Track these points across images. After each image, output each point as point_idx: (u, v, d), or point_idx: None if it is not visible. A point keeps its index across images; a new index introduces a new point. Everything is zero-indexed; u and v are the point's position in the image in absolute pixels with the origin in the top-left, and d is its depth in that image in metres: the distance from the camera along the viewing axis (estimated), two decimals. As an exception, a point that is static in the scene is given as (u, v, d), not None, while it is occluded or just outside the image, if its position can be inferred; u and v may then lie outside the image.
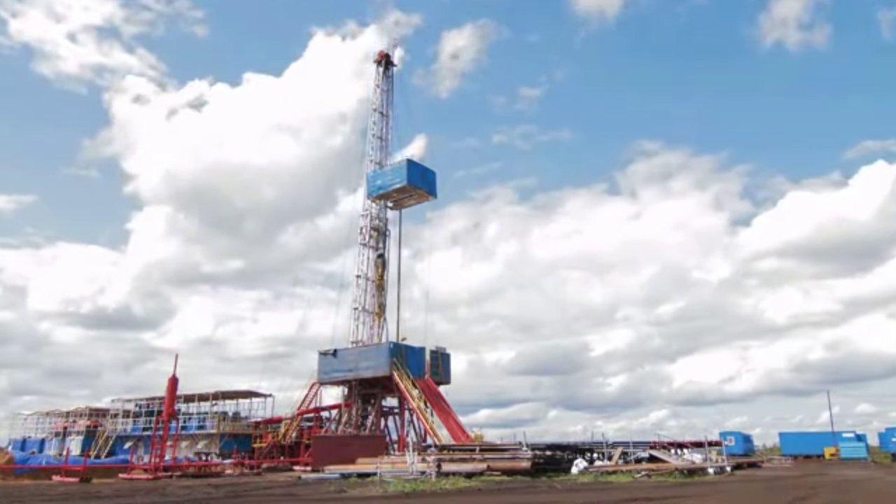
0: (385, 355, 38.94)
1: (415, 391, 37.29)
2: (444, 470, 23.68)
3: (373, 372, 39.24)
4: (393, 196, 44.96)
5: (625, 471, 24.61)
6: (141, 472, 29.64)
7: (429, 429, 36.35)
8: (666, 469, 24.56)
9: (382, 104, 48.02)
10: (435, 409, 37.75)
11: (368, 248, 44.70)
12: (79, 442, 45.53)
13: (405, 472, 23.66)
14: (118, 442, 44.62)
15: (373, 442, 33.50)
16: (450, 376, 42.90)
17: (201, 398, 44.56)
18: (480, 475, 23.38)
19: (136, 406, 46.80)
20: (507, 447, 27.32)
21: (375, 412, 40.85)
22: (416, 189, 43.78)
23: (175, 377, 31.02)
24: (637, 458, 27.21)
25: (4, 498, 17.44)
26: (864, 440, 48.24)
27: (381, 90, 48.37)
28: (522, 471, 23.76)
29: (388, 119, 48.02)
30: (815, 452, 48.30)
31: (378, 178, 44.82)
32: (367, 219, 45.26)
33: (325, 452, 30.88)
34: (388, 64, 49.04)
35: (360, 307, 43.30)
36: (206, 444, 41.71)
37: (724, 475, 25.27)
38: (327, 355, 41.54)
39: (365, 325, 43.31)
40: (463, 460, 25.28)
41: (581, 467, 25.54)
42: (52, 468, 29.26)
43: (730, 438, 48.91)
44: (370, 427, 39.99)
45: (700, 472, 25.11)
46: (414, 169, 43.63)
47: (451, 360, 43.66)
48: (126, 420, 46.07)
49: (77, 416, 49.75)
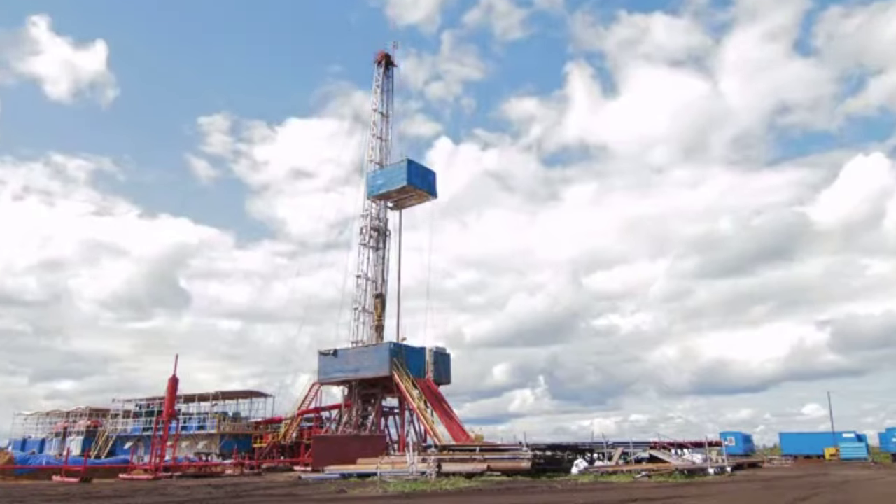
0: (385, 355, 38.95)
1: (415, 391, 37.30)
2: (444, 470, 23.69)
3: (373, 372, 39.25)
4: (393, 196, 44.93)
5: (625, 471, 24.60)
6: (141, 472, 29.63)
7: (429, 429, 36.37)
8: (666, 469, 24.55)
9: (382, 104, 48.04)
10: (435, 410, 37.77)
11: (368, 249, 44.69)
12: (79, 442, 45.55)
13: (405, 473, 23.68)
14: (118, 442, 44.63)
15: (373, 442, 33.49)
16: (450, 376, 42.93)
17: (201, 398, 44.60)
18: (480, 475, 23.39)
19: (137, 406, 46.83)
20: (508, 447, 27.32)
21: (375, 412, 40.85)
22: (416, 189, 43.77)
23: (175, 377, 30.97)
24: (637, 459, 27.21)
25: (4, 498, 17.44)
26: (864, 440, 48.22)
27: (381, 90, 48.38)
28: (522, 471, 23.77)
29: (388, 119, 48.07)
30: (815, 453, 48.23)
31: (378, 178, 44.81)
32: (368, 219, 45.26)
33: (326, 452, 30.87)
34: (389, 64, 49.04)
35: (360, 307, 43.29)
36: (206, 444, 41.72)
37: (725, 475, 25.27)
38: (327, 355, 41.55)
39: (365, 325, 43.31)
40: (463, 460, 25.28)
41: (581, 467, 25.55)
42: (52, 468, 29.25)
43: (730, 439, 48.92)
44: (370, 427, 39.99)
45: (700, 472, 25.11)
46: (414, 169, 43.62)
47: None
48: (126, 420, 46.06)
49: (77, 416, 49.74)
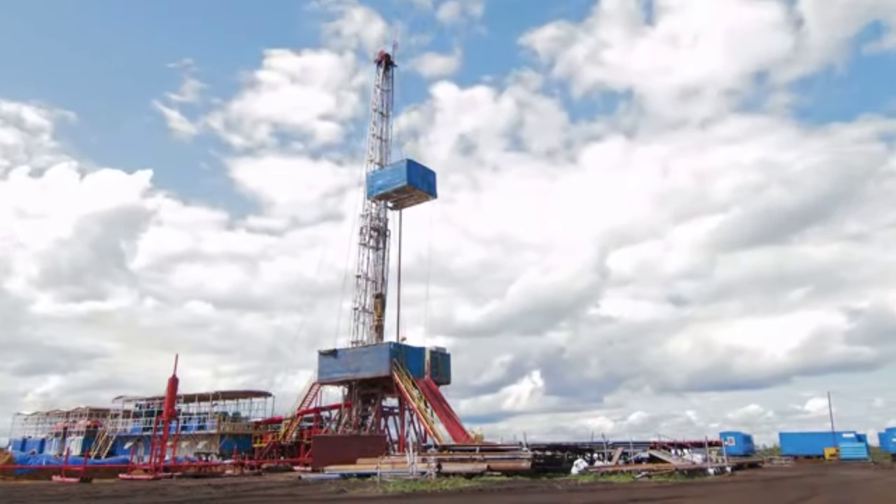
0: (385, 355, 38.94)
1: (415, 391, 37.30)
2: (444, 470, 23.68)
3: (373, 372, 39.24)
4: (393, 196, 44.92)
5: (625, 471, 24.58)
6: (141, 472, 29.61)
7: (429, 429, 36.36)
8: (666, 469, 24.53)
9: (382, 104, 48.02)
10: (435, 410, 37.75)
11: (368, 249, 44.69)
12: (79, 442, 45.53)
13: (405, 473, 23.66)
14: (118, 442, 44.61)
15: (373, 442, 33.46)
16: (450, 376, 42.89)
17: (201, 398, 44.58)
18: (480, 475, 23.38)
19: (137, 406, 46.80)
20: (507, 447, 27.32)
21: (375, 412, 40.84)
22: (416, 189, 43.75)
23: (175, 377, 30.94)
24: (637, 459, 27.20)
25: (4, 498, 17.43)
26: (864, 440, 48.21)
27: (381, 90, 48.37)
28: (522, 471, 23.75)
29: (388, 119, 48.07)
30: (815, 453, 48.20)
31: (378, 178, 44.80)
32: (367, 219, 45.25)
33: (325, 452, 30.85)
34: (389, 64, 49.03)
35: (360, 307, 43.28)
36: (206, 444, 41.72)
37: (725, 475, 25.28)
38: (327, 355, 41.54)
39: (365, 325, 43.30)
40: (463, 460, 25.27)
41: (581, 467, 25.55)
42: (52, 468, 29.21)
43: (730, 439, 48.88)
44: (370, 427, 39.98)
45: (700, 472, 25.11)
46: (414, 169, 43.60)
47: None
48: (126, 420, 46.06)
49: (77, 416, 49.73)
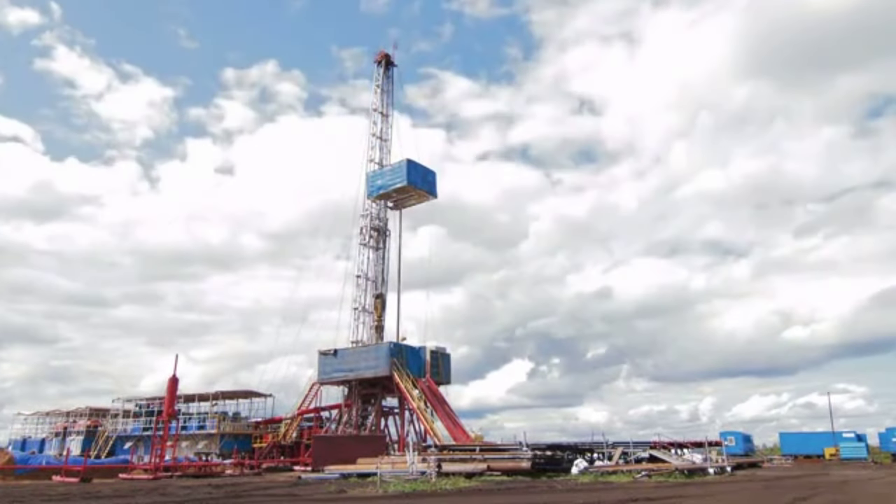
0: (385, 355, 38.95)
1: (415, 391, 37.30)
2: (444, 470, 23.67)
3: (373, 372, 39.25)
4: (393, 196, 44.92)
5: (625, 471, 24.58)
6: (141, 472, 29.63)
7: (429, 429, 36.37)
8: (666, 469, 24.53)
9: (382, 104, 48.01)
10: (435, 410, 37.75)
11: (368, 248, 44.69)
12: (79, 442, 45.57)
13: (405, 473, 23.64)
14: (118, 442, 44.63)
15: (373, 442, 33.48)
16: (450, 376, 42.90)
17: (201, 398, 44.60)
18: (480, 475, 23.40)
19: (137, 406, 46.83)
20: (507, 447, 27.34)
21: (375, 412, 40.85)
22: (416, 189, 43.75)
23: (175, 377, 31.00)
24: (637, 459, 27.19)
25: (4, 498, 17.43)
26: (864, 440, 48.18)
27: (381, 90, 48.36)
28: (522, 471, 23.78)
29: (388, 119, 48.05)
30: (815, 453, 48.17)
31: (378, 178, 44.79)
32: (368, 219, 45.25)
33: (325, 452, 30.86)
34: (389, 64, 49.03)
35: (360, 307, 43.28)
36: (206, 444, 41.73)
37: (725, 475, 25.26)
38: (327, 355, 41.54)
39: (365, 325, 43.31)
40: (463, 460, 25.28)
41: (581, 467, 25.54)
42: (52, 468, 29.23)
43: (730, 439, 48.81)
44: (370, 427, 39.99)
45: (700, 472, 25.09)
46: (414, 169, 43.57)
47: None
48: (126, 420, 46.06)
49: (77, 416, 49.75)
